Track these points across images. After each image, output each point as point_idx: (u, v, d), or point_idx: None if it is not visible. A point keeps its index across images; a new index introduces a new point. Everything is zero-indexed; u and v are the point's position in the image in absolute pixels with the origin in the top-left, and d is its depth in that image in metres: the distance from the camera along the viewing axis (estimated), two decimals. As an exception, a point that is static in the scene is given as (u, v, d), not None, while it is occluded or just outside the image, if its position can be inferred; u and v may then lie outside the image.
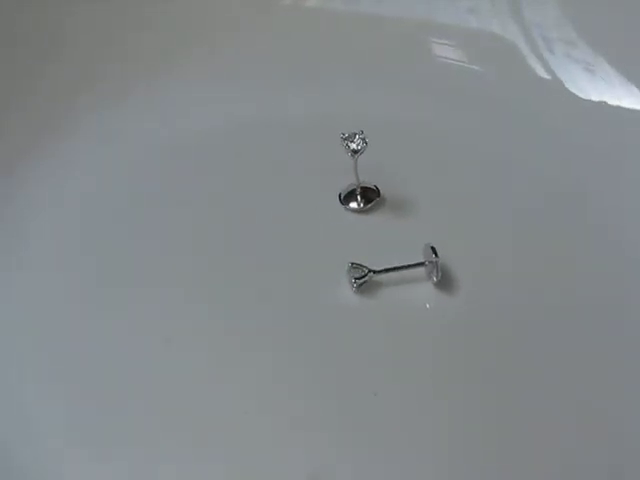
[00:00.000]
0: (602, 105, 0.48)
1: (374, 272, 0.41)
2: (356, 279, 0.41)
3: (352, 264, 0.41)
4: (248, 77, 0.51)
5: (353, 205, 0.44)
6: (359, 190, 0.44)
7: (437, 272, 0.40)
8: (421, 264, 0.41)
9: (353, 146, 0.42)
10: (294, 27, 0.52)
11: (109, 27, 0.51)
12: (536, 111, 0.48)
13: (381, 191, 0.45)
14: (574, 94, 0.49)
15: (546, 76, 0.50)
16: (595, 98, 0.48)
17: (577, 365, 0.39)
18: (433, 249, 0.40)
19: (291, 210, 0.44)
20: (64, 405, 0.38)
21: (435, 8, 0.52)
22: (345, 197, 0.45)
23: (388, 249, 0.42)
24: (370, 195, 0.45)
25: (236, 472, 0.36)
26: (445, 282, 0.41)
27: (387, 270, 0.41)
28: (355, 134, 0.43)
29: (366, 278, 0.41)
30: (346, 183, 0.45)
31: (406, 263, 0.41)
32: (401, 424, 0.37)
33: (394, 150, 0.47)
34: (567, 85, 0.49)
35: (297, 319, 0.40)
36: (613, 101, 0.48)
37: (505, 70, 0.50)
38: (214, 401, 0.38)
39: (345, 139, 0.43)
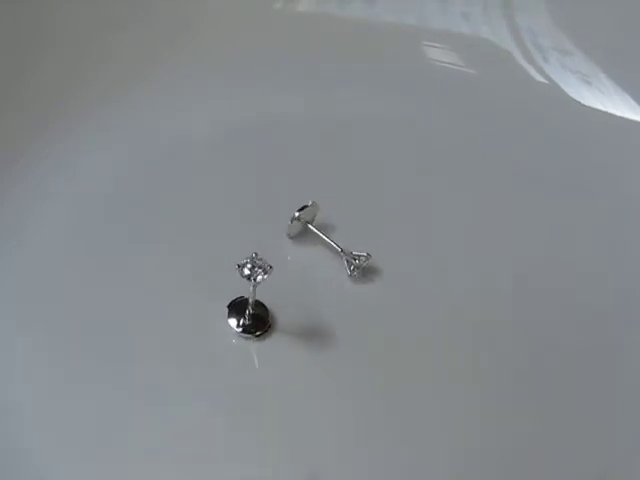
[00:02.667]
0: (596, 109, 0.49)
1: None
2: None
3: (354, 262, 0.41)
4: (248, 77, 0.51)
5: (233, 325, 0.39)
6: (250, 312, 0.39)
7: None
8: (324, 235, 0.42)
9: (247, 272, 0.37)
10: (291, 29, 0.52)
11: (109, 26, 0.51)
12: (530, 112, 0.49)
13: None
14: (570, 97, 0.49)
15: (540, 79, 0.50)
16: (589, 102, 0.49)
17: (576, 364, 0.39)
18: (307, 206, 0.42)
19: (289, 209, 0.44)
20: (63, 404, 0.37)
21: (429, 13, 0.52)
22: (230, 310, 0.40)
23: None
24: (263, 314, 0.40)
25: (236, 472, 0.36)
26: (444, 283, 0.41)
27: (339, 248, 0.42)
28: (255, 261, 0.37)
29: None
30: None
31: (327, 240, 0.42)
32: (401, 424, 0.37)
33: (392, 150, 0.47)
34: (562, 88, 0.49)
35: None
36: (607, 105, 0.48)
37: (501, 74, 0.51)
38: (214, 401, 0.38)
39: (241, 266, 0.37)
